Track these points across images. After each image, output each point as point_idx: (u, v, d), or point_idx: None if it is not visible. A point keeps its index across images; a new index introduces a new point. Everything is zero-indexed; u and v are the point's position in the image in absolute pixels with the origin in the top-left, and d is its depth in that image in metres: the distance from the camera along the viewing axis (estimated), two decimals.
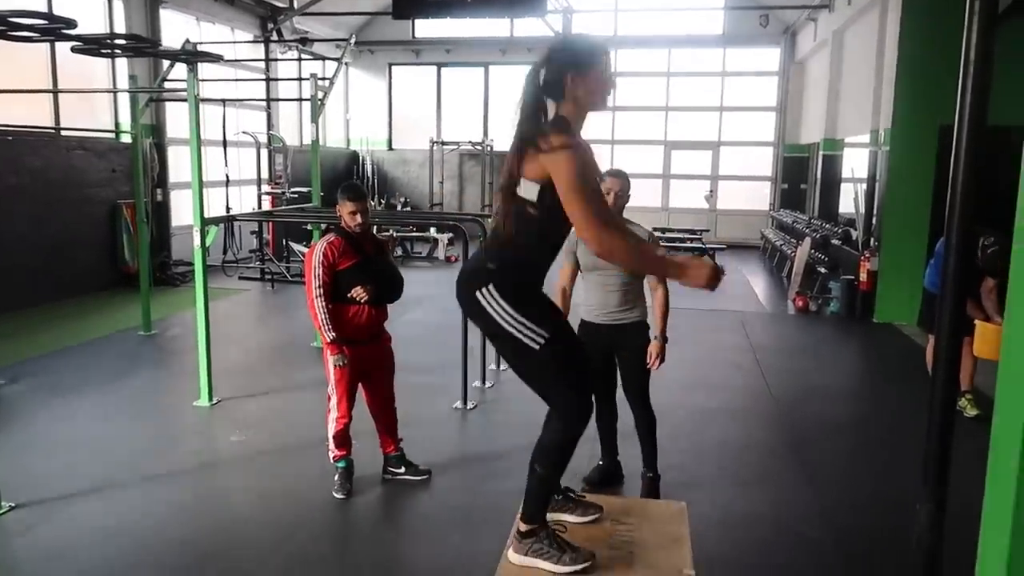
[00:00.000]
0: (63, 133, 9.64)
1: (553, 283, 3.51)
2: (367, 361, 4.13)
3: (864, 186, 10.10)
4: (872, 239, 9.32)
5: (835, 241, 10.56)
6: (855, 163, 11.27)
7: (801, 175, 15.87)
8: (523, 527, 2.40)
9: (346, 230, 4.05)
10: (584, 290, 4.02)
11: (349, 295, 3.98)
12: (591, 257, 3.85)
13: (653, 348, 3.97)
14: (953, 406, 1.69)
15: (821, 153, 13.62)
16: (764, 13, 15.68)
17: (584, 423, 2.38)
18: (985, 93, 1.66)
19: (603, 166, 2.43)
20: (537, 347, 2.30)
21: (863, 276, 9.02)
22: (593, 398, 2.45)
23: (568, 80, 2.28)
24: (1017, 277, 1.35)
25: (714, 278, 2.16)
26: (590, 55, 2.31)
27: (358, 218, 3.99)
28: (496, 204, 2.42)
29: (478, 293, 2.35)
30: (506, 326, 2.32)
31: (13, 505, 3.91)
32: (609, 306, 3.94)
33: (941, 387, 1.68)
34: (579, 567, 2.30)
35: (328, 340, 3.97)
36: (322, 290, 3.94)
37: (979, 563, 1.52)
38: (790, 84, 16.32)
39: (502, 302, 2.32)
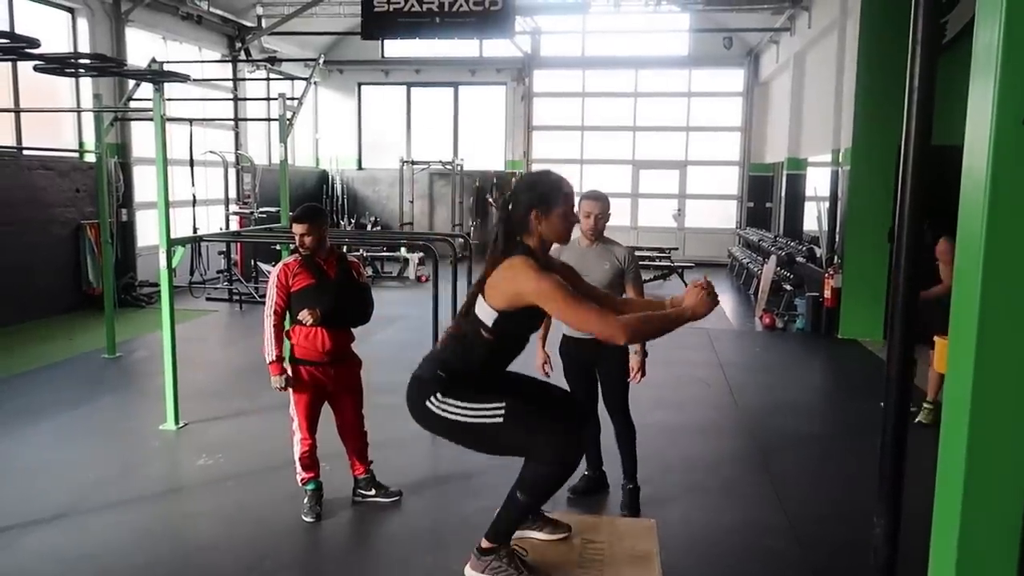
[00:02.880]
0: (25, 152, 9.50)
1: None
2: (327, 383, 4.10)
3: (827, 204, 10.31)
4: (835, 256, 9.51)
5: (800, 259, 10.75)
6: (818, 182, 11.50)
7: (766, 194, 16.15)
8: (485, 544, 2.42)
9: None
10: None
11: (297, 317, 3.98)
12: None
13: (634, 362, 4.05)
14: (906, 421, 1.75)
15: (785, 172, 13.88)
16: (728, 36, 16.00)
17: (578, 457, 2.41)
18: (929, 115, 1.73)
19: (575, 187, 2.53)
20: (500, 419, 2.35)
21: (827, 293, 9.18)
22: (579, 438, 2.51)
23: (532, 217, 2.40)
24: (960, 292, 1.41)
25: (712, 298, 2.29)
26: (553, 198, 2.43)
27: (306, 240, 3.99)
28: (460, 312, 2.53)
29: (427, 403, 2.44)
30: (464, 420, 2.39)
31: None
32: None
33: (893, 403, 1.73)
34: None
35: (267, 360, 3.97)
36: (272, 310, 3.96)
37: (930, 571, 1.56)
38: (754, 105, 16.63)
39: (453, 402, 2.41)
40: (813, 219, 11.27)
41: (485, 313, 2.37)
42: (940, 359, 6.95)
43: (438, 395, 2.42)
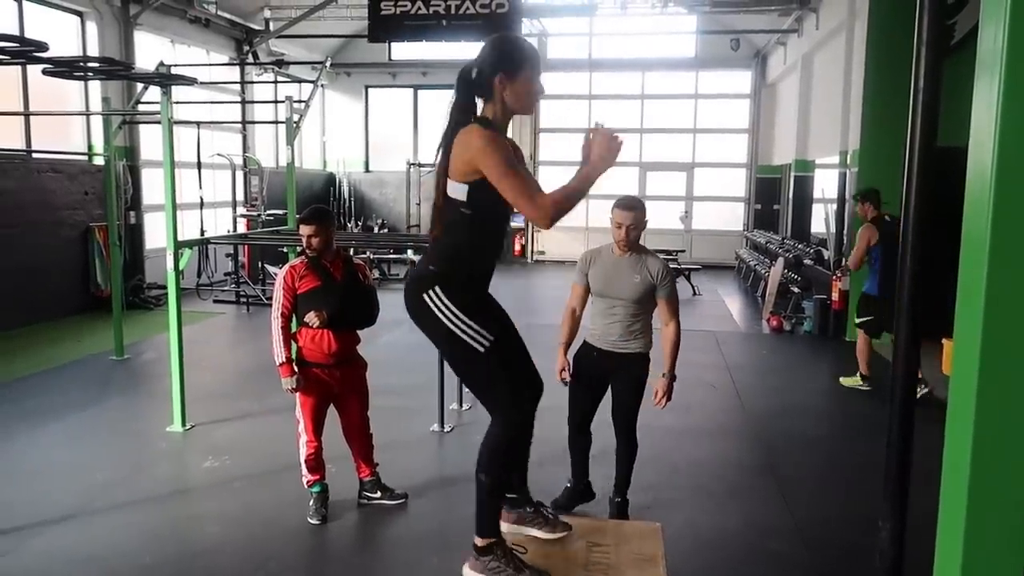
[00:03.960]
0: (34, 155, 9.55)
1: (549, 298, 3.52)
2: (334, 385, 4.11)
3: (835, 206, 10.27)
4: (843, 259, 9.46)
5: (808, 261, 10.71)
6: (826, 183, 11.46)
7: (774, 196, 16.10)
8: (480, 542, 2.42)
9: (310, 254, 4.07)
10: (591, 312, 3.95)
11: (303, 319, 3.99)
12: (600, 282, 3.82)
13: (660, 386, 3.86)
14: (912, 423, 1.74)
15: (793, 174, 13.84)
16: (735, 37, 15.98)
17: (520, 427, 2.43)
18: (934, 116, 1.72)
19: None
20: (482, 349, 2.34)
21: (835, 295, 9.14)
22: (530, 407, 2.47)
23: (496, 81, 2.33)
24: (965, 294, 1.40)
25: (614, 141, 2.28)
26: (520, 59, 2.35)
27: (313, 242, 4.00)
28: (432, 207, 2.47)
29: (425, 296, 2.38)
30: (452, 328, 2.35)
31: None
32: (612, 335, 3.83)
33: (899, 406, 1.72)
34: None
35: (277, 363, 3.97)
36: (280, 313, 3.97)
37: (935, 573, 1.55)
38: (761, 106, 16.60)
39: (449, 304, 2.36)
40: (821, 221, 11.22)
41: (456, 190, 2.32)
42: (950, 361, 6.93)
43: (437, 289, 2.36)
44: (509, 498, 2.63)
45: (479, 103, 2.38)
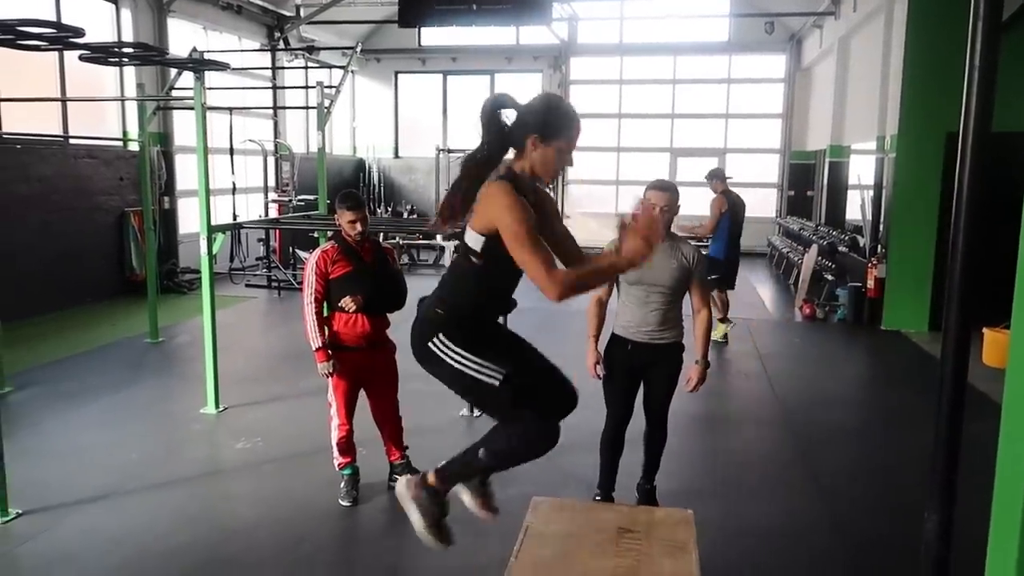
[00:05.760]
0: (71, 141, 9.70)
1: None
2: (365, 369, 4.13)
3: (871, 193, 10.08)
4: (879, 246, 9.29)
5: (842, 248, 10.53)
6: (861, 170, 11.24)
7: (807, 182, 15.83)
8: (431, 478, 2.48)
9: (344, 239, 4.06)
10: (621, 303, 3.80)
11: (338, 304, 3.99)
12: (636, 270, 3.74)
13: (694, 373, 3.81)
14: (962, 412, 1.68)
15: (827, 160, 13.60)
16: (770, 20, 15.67)
17: (548, 448, 2.38)
18: (989, 100, 1.66)
19: (609, 174, 2.43)
20: (497, 383, 2.31)
21: (870, 283, 8.99)
22: (556, 429, 2.40)
23: (530, 141, 2.28)
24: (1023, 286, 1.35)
25: (648, 244, 2.14)
26: (559, 128, 2.30)
27: (357, 226, 4.00)
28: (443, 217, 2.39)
29: (430, 344, 2.37)
30: (465, 370, 2.33)
31: (21, 512, 3.92)
32: (648, 324, 3.71)
33: (948, 396, 1.67)
34: (430, 537, 2.46)
35: (313, 348, 3.98)
36: (313, 298, 3.97)
37: (987, 570, 1.51)
38: (796, 91, 16.31)
39: (455, 347, 2.34)
40: (856, 208, 11.02)
41: (472, 239, 2.30)
42: (990, 352, 6.78)
43: (441, 336, 2.35)
44: None
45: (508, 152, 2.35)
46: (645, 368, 3.82)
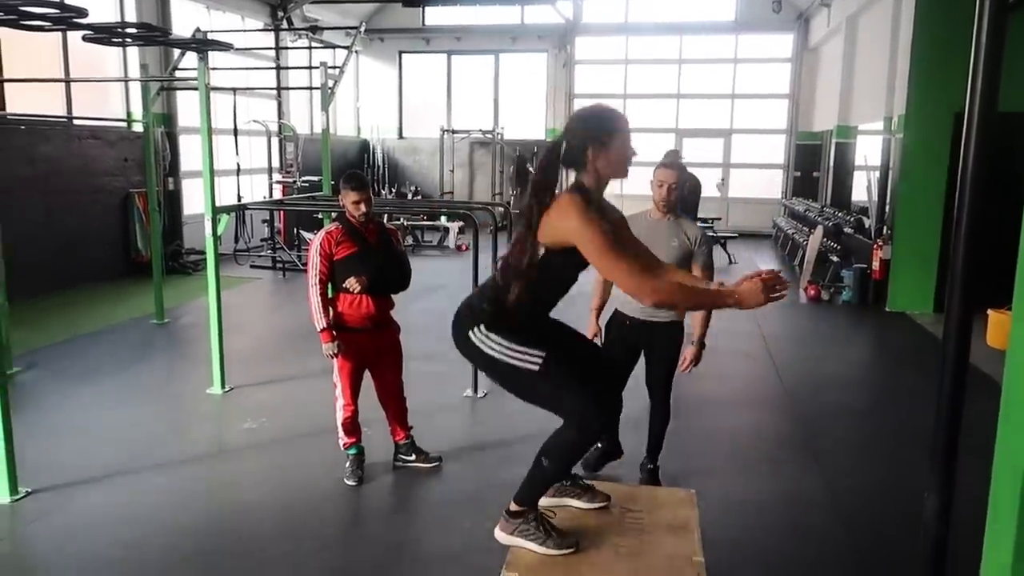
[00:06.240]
0: (75, 122, 9.69)
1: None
2: (371, 350, 4.15)
3: (877, 174, 10.02)
4: (885, 227, 9.26)
5: (848, 229, 10.49)
6: (868, 150, 11.18)
7: (814, 163, 15.75)
8: (513, 507, 2.44)
9: (348, 220, 4.07)
10: None
11: (343, 285, 4.01)
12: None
13: (689, 353, 3.90)
14: (963, 393, 1.68)
15: (834, 140, 13.51)
16: None
17: (600, 429, 2.40)
18: (996, 79, 1.64)
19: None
20: (536, 368, 2.32)
21: (876, 264, 8.97)
22: (607, 405, 2.43)
23: (588, 153, 2.31)
24: None
25: (766, 292, 2.19)
26: (610, 128, 2.33)
27: (361, 207, 4.01)
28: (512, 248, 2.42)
29: (470, 333, 2.41)
30: (504, 359, 2.36)
31: (30, 491, 3.97)
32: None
33: (950, 377, 1.67)
34: (563, 552, 2.34)
35: (318, 329, 4.00)
36: (318, 279, 3.98)
37: (985, 550, 1.52)
38: (803, 71, 16.18)
39: (493, 335, 2.37)
40: (862, 189, 10.97)
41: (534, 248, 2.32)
42: (995, 333, 6.77)
43: (482, 327, 2.38)
44: None
45: (571, 173, 2.37)
46: (644, 345, 3.90)
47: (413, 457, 4.36)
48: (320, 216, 7.41)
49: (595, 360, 2.54)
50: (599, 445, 4.23)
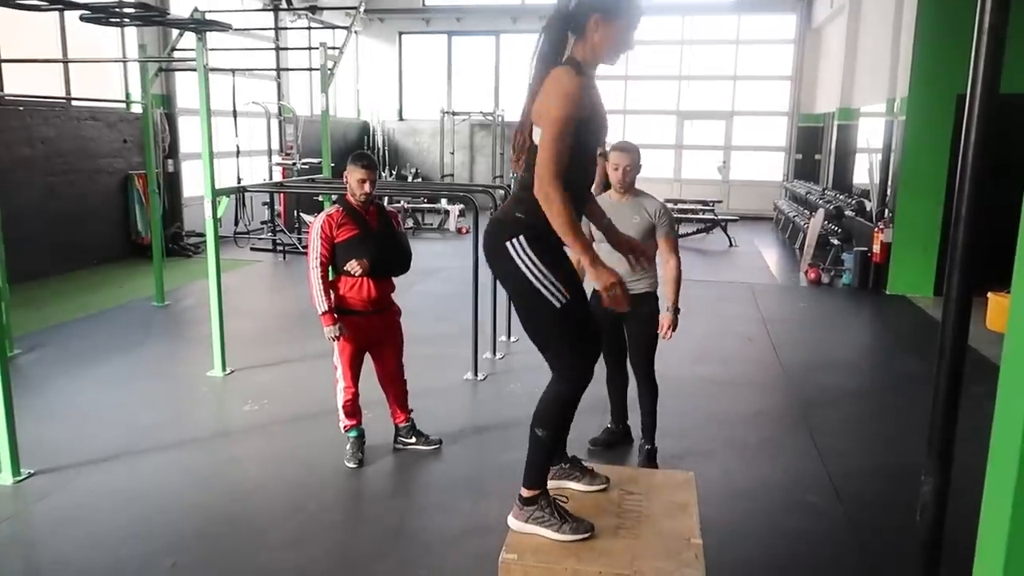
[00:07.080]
0: (74, 103, 9.64)
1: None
2: (371, 332, 4.15)
3: (879, 156, 9.99)
4: (886, 210, 9.24)
5: (849, 212, 10.47)
6: (870, 133, 11.13)
7: (815, 145, 15.70)
8: (525, 493, 2.43)
9: (349, 202, 4.05)
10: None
11: (344, 268, 4.00)
12: (596, 231, 3.82)
13: (664, 320, 3.99)
14: (960, 376, 1.69)
15: (836, 123, 13.45)
16: None
17: (582, 387, 2.40)
18: (998, 60, 1.63)
19: (616, 137, 2.42)
20: (558, 305, 2.31)
21: (876, 248, 8.95)
22: (594, 367, 2.45)
23: (592, 21, 2.27)
24: None
25: (607, 293, 2.27)
26: (622, 6, 2.29)
27: (366, 187, 3.99)
28: (516, 150, 2.40)
29: (508, 243, 2.34)
30: (532, 279, 2.32)
31: (32, 472, 3.99)
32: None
33: (948, 360, 1.67)
34: (579, 536, 2.32)
35: (320, 312, 4.00)
36: (318, 262, 3.97)
37: (980, 533, 1.53)
38: (806, 52, 16.07)
39: (533, 255, 2.32)
40: (864, 172, 10.93)
41: (538, 137, 2.27)
42: (995, 317, 6.78)
43: (521, 239, 2.32)
44: None
45: (570, 40, 2.32)
46: (621, 318, 3.95)
47: (413, 439, 4.38)
48: (320, 199, 7.39)
49: (595, 324, 2.53)
50: (609, 426, 4.38)
